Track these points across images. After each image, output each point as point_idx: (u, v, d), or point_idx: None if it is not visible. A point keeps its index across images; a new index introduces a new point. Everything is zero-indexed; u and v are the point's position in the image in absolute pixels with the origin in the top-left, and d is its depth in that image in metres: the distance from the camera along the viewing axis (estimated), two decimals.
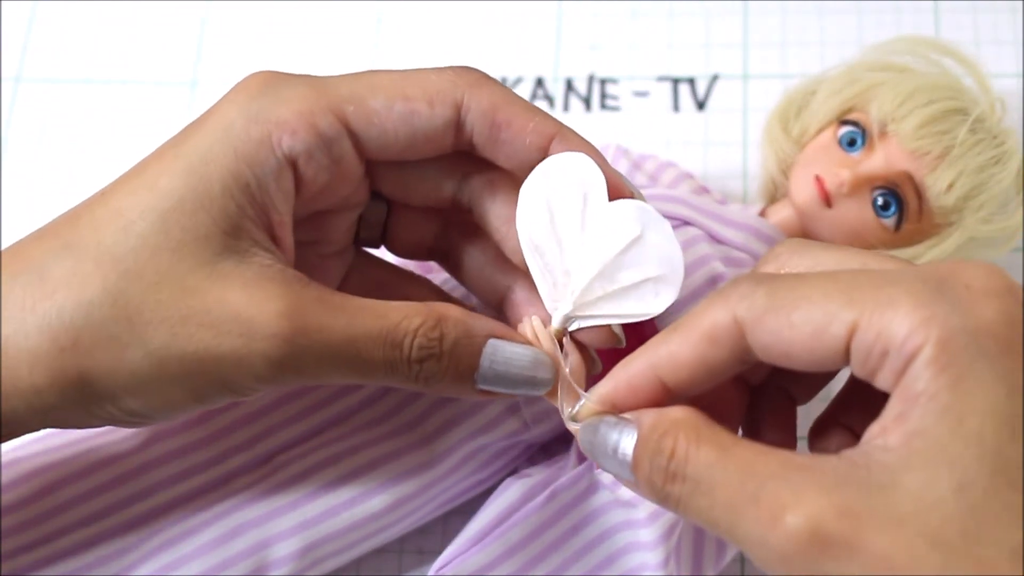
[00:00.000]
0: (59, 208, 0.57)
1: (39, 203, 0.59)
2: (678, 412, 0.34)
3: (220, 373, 0.36)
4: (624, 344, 0.39)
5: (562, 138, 0.39)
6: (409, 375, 0.37)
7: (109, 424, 0.39)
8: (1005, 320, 0.31)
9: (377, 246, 0.44)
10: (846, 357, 0.32)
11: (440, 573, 0.44)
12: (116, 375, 0.36)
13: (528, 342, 0.39)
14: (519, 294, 0.42)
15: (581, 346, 0.39)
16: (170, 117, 0.60)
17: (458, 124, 0.38)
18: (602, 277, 0.38)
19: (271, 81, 0.38)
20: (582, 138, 0.39)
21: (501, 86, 0.39)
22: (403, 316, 0.37)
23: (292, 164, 0.37)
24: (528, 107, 0.39)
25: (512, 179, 0.40)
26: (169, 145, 0.38)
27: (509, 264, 0.42)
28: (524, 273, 0.40)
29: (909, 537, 0.29)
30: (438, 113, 0.38)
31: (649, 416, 0.34)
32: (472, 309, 0.40)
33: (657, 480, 0.33)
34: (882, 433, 0.31)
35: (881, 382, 0.31)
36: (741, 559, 0.48)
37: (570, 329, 0.39)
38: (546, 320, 0.39)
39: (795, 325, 0.32)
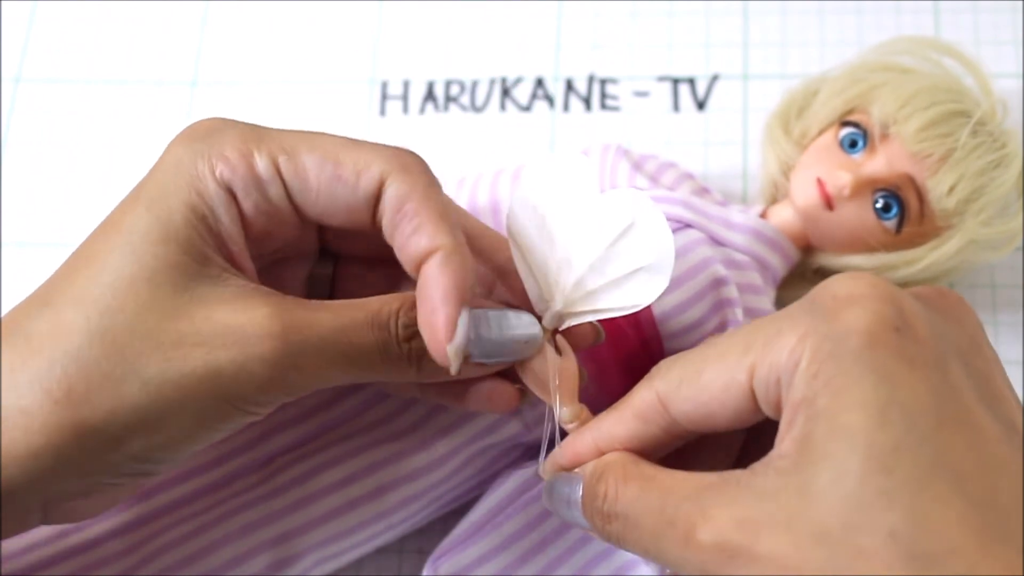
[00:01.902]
0: (59, 208, 0.58)
1: (39, 203, 0.59)
2: (611, 456, 0.37)
3: (221, 388, 0.35)
4: (603, 339, 0.40)
5: (442, 258, 0.37)
6: (402, 355, 0.37)
7: (113, 484, 0.37)
8: (869, 317, 0.32)
9: None
10: (754, 400, 0.34)
11: (436, 567, 0.44)
12: (116, 414, 0.35)
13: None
14: None
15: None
16: (170, 117, 0.60)
17: (377, 202, 0.38)
18: (593, 270, 0.38)
19: (217, 124, 0.39)
20: (461, 261, 0.37)
21: (430, 178, 0.38)
22: (383, 302, 0.38)
23: (232, 196, 0.38)
24: (435, 209, 0.38)
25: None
26: (128, 194, 0.38)
27: None
28: None
29: (797, 536, 0.31)
30: (362, 186, 0.38)
31: (590, 465, 0.37)
32: None
33: (598, 522, 0.36)
34: (779, 443, 0.33)
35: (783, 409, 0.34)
36: None
37: (561, 328, 0.39)
38: None
39: (706, 386, 0.35)
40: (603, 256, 0.38)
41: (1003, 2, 0.58)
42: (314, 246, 0.42)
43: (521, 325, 0.38)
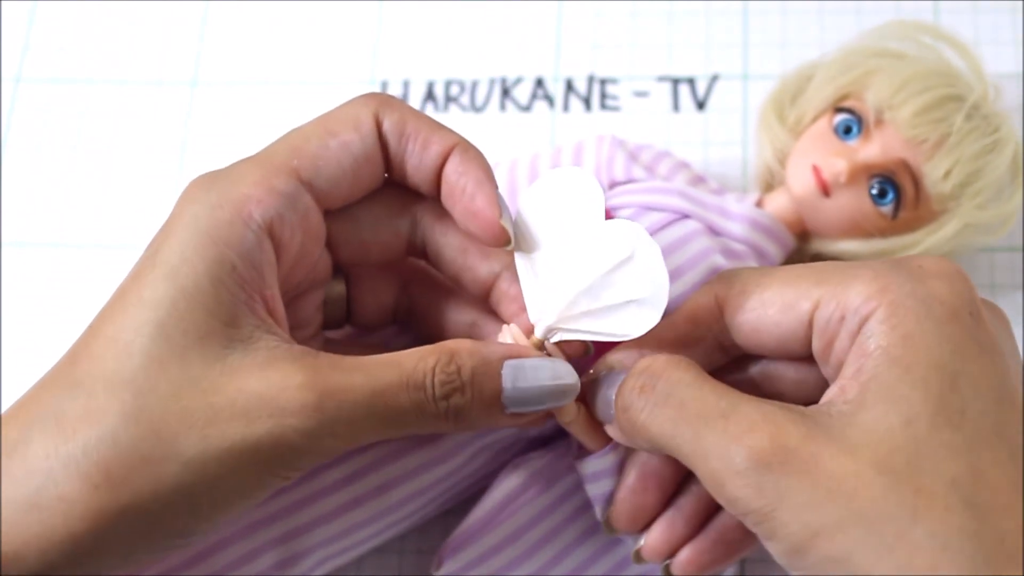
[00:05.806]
0: (59, 208, 0.58)
1: (39, 203, 0.59)
2: (662, 355, 0.38)
3: (261, 460, 0.35)
4: (592, 354, 0.40)
5: (461, 151, 0.39)
6: (438, 414, 0.37)
7: (149, 558, 0.37)
8: (952, 292, 0.35)
9: (343, 324, 0.44)
10: (809, 330, 0.36)
11: (446, 560, 0.44)
12: (158, 495, 0.35)
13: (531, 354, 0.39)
14: (486, 327, 0.42)
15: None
16: (170, 117, 0.60)
17: (382, 142, 0.40)
18: (587, 293, 0.38)
19: (214, 174, 0.39)
20: (478, 151, 0.40)
21: (407, 105, 0.40)
22: (418, 359, 0.37)
23: (269, 231, 0.37)
24: (433, 122, 0.40)
25: None
26: (142, 261, 0.38)
27: (470, 302, 0.42)
28: (486, 309, 0.42)
29: (860, 463, 0.32)
30: (367, 134, 0.39)
31: (643, 362, 0.38)
32: None
33: (633, 395, 0.37)
34: (841, 391, 0.34)
35: (838, 349, 0.35)
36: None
37: (551, 340, 0.39)
38: (527, 330, 0.40)
39: (766, 302, 0.37)
40: (598, 282, 0.38)
41: (1003, 2, 0.58)
42: (328, 269, 0.42)
43: (558, 376, 0.38)
